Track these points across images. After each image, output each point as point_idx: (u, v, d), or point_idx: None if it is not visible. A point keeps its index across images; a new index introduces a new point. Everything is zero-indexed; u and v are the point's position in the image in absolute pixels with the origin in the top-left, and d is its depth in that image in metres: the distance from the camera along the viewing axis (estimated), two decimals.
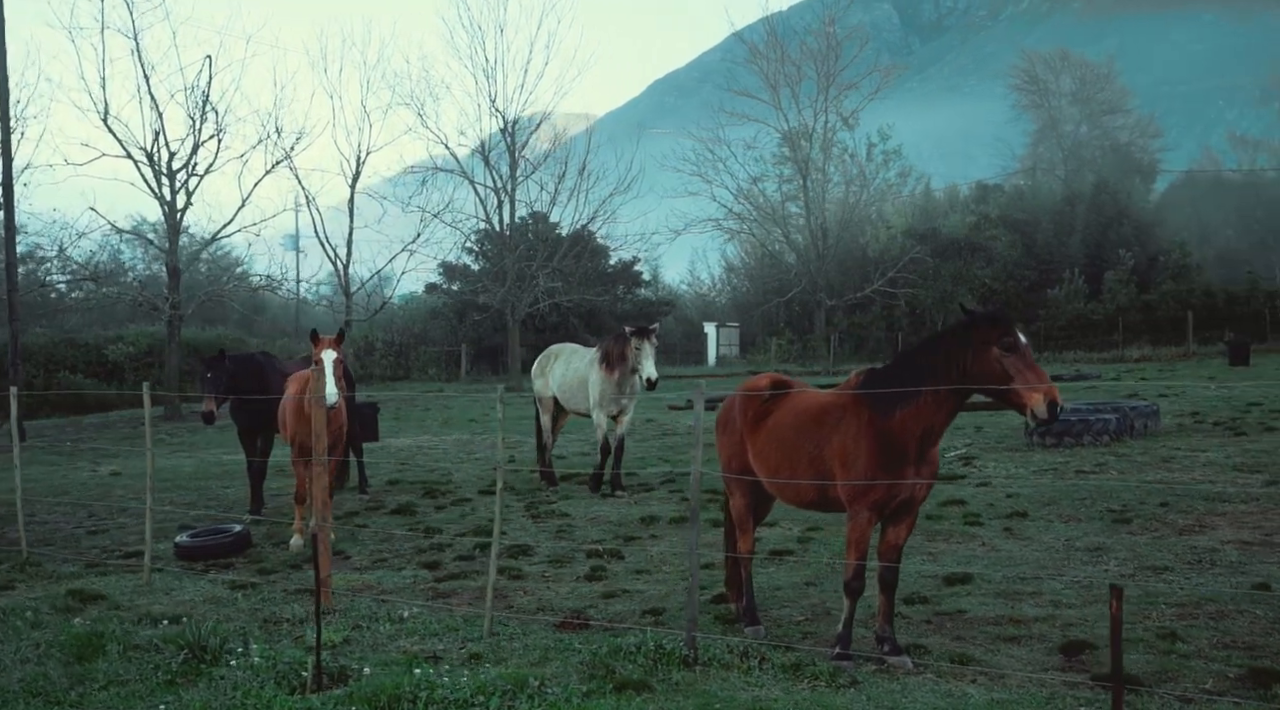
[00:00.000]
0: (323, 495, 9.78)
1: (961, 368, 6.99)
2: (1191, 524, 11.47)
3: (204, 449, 23.82)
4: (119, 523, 14.91)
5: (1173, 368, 34.01)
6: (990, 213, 51.35)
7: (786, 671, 7.35)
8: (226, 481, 18.62)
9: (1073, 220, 51.99)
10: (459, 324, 48.86)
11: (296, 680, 7.57)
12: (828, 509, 8.12)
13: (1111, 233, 51.09)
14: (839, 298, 50.17)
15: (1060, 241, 51.35)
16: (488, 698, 6.90)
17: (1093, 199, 52.46)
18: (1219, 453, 16.04)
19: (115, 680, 7.75)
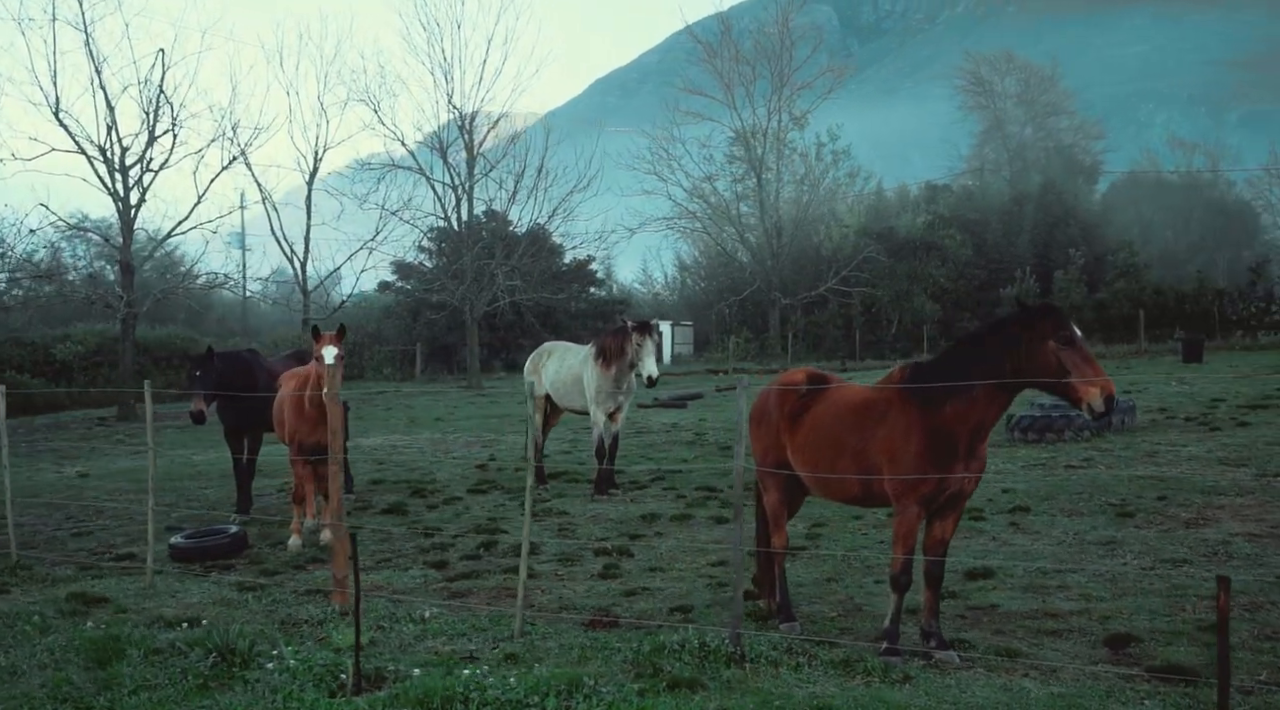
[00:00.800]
0: (338, 494, 9.58)
1: (1016, 362, 6.98)
2: (1194, 517, 11.59)
3: (169, 449, 23.36)
4: (100, 524, 14.55)
5: (1128, 365, 34.50)
6: (943, 212, 51.81)
7: (836, 668, 7.30)
8: (202, 482, 18.29)
9: (1021, 220, 52.66)
10: (413, 323, 48.39)
11: (334, 683, 7.41)
12: (870, 504, 8.09)
13: (1059, 232, 51.81)
14: (793, 296, 50.34)
15: (1009, 241, 51.97)
16: (543, 697, 6.78)
17: (1040, 199, 53.18)
18: (1199, 447, 16.27)
19: (144, 685, 7.53)
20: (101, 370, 37.58)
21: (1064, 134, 74.25)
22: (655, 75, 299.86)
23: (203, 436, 26.42)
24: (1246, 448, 15.90)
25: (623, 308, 53.13)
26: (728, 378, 38.81)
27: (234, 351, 15.12)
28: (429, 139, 42.16)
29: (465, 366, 43.07)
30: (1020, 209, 53.35)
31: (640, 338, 14.27)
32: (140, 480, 18.55)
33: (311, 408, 11.89)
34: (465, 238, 40.92)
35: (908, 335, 45.96)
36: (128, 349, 31.65)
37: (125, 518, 14.88)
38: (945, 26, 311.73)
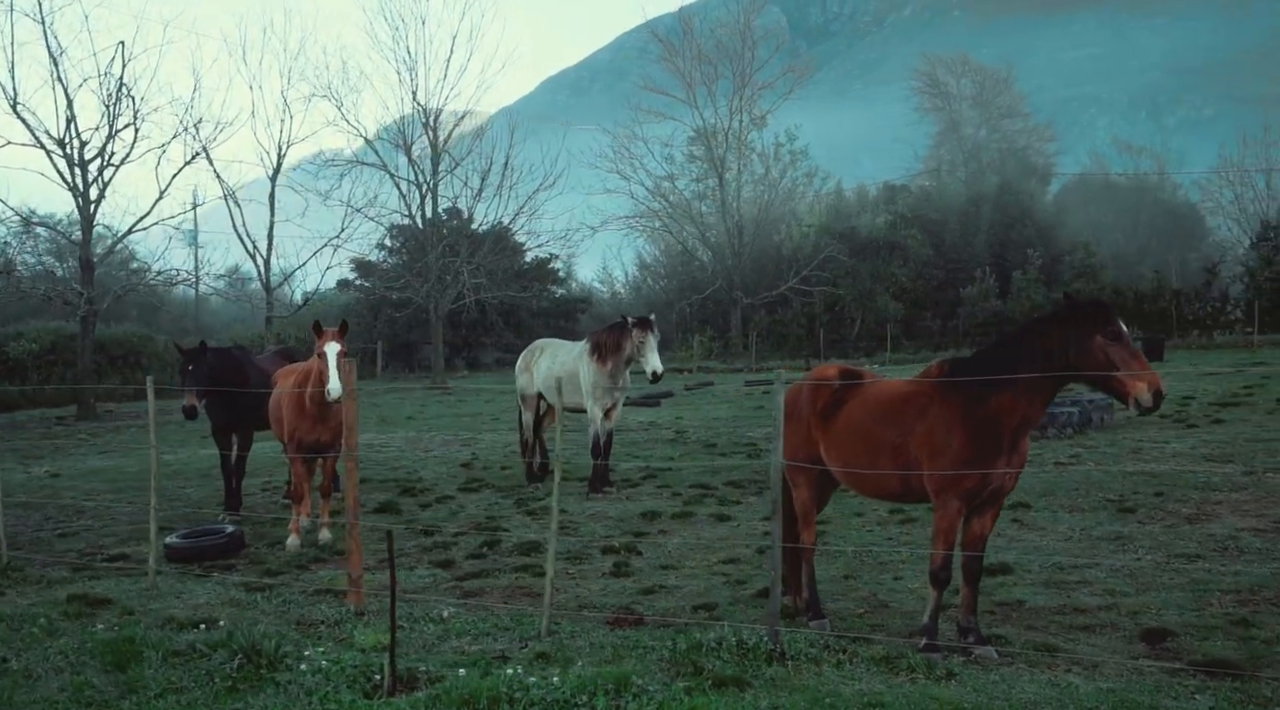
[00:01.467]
0: (355, 492, 9.42)
1: (1063, 356, 6.97)
2: (1195, 513, 11.70)
3: (139, 448, 22.95)
4: (83, 524, 14.24)
5: None
6: (905, 213, 52.14)
7: (877, 664, 7.26)
8: (180, 481, 17.97)
9: (978, 220, 53.14)
10: (373, 321, 47.96)
11: (368, 683, 7.27)
12: (908, 500, 8.07)
13: (1015, 233, 52.37)
14: (755, 295, 50.46)
15: (967, 241, 52.44)
16: (591, 696, 6.68)
17: (996, 200, 53.70)
18: (1181, 443, 16.46)
19: (170, 687, 7.35)
20: (56, 369, 36.84)
21: (1018, 136, 75.12)
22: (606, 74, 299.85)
23: (169, 435, 26.02)
24: (1228, 444, 16.11)
25: (584, 306, 53.06)
26: (694, 376, 38.84)
27: (224, 347, 14.81)
28: (393, 136, 41.78)
29: (427, 365, 42.72)
30: (977, 210, 53.84)
31: (642, 334, 14.19)
32: (114, 480, 18.32)
33: (312, 405, 11.69)
34: (430, 235, 40.59)
35: (871, 334, 46.22)
36: (87, 347, 31.07)
37: (107, 518, 14.59)
38: (892, 29, 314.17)
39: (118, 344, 39.72)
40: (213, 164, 34.51)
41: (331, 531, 12.37)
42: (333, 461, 12.46)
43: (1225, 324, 42.03)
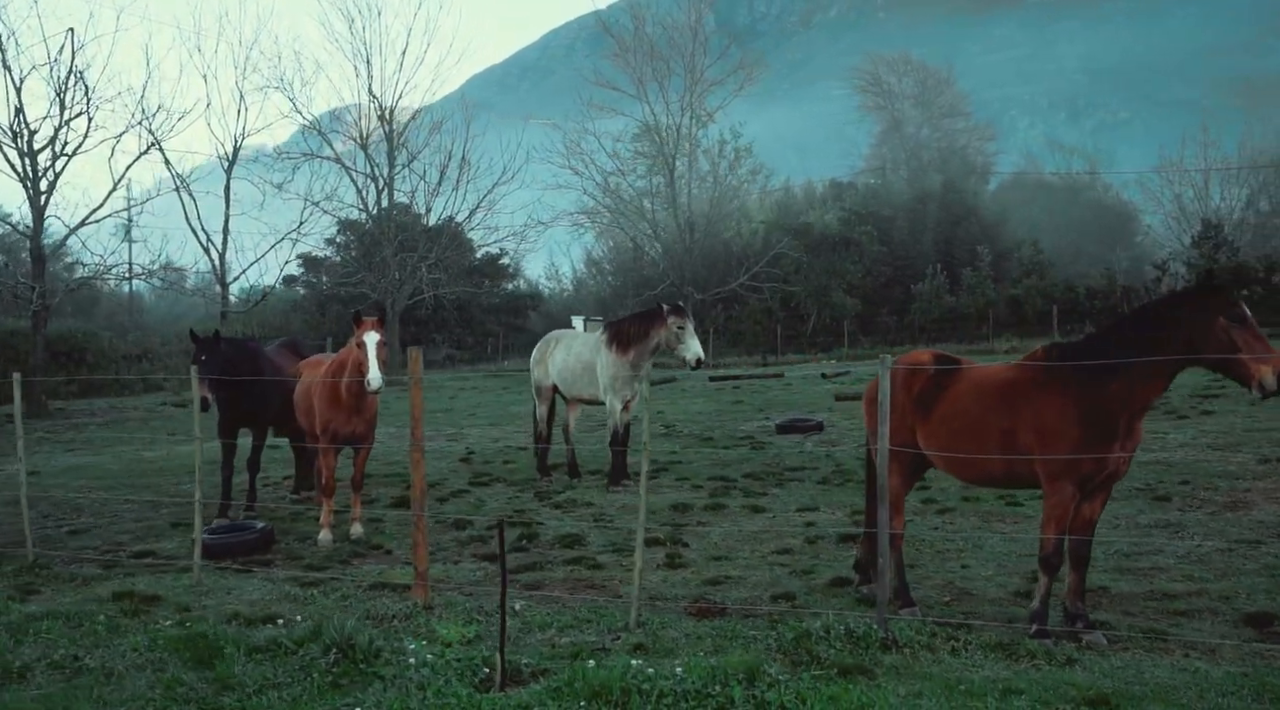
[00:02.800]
0: (422, 481, 9.20)
1: (1185, 339, 6.95)
2: (1230, 501, 11.84)
3: (110, 446, 22.34)
4: (87, 522, 13.83)
5: None
6: (858, 210, 52.50)
7: (993, 651, 7.21)
8: (170, 477, 17.50)
9: (925, 218, 53.74)
10: (321, 317, 47.20)
11: (475, 677, 7.08)
12: (1012, 485, 8.05)
13: (960, 231, 53.03)
14: (706, 292, 50.50)
15: (915, 238, 53.00)
16: (724, 686, 6.56)
17: (942, 198, 54.35)
18: (1183, 434, 16.67)
19: (268, 683, 7.12)
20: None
21: (959, 135, 76.08)
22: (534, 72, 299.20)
23: (136, 433, 25.39)
24: (1228, 434, 16.36)
25: (535, 302, 52.77)
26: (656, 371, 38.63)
27: (239, 338, 14.35)
28: (347, 128, 41.16)
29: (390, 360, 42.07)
30: (924, 207, 54.44)
31: (680, 320, 13.92)
32: (100, 478, 17.82)
33: (348, 396, 11.41)
34: (386, 230, 40.02)
35: (828, 330, 46.48)
36: (39, 344, 30.17)
37: (108, 515, 14.18)
38: (819, 30, 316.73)
39: (61, 340, 38.62)
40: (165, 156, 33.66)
41: (361, 526, 12.09)
42: (365, 454, 12.16)
43: None
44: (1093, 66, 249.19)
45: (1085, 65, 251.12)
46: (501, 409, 27.27)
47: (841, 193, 55.88)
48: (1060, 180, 75.85)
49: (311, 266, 48.98)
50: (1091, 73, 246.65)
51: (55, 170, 30.35)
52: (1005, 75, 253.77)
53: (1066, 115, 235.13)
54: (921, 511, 12.27)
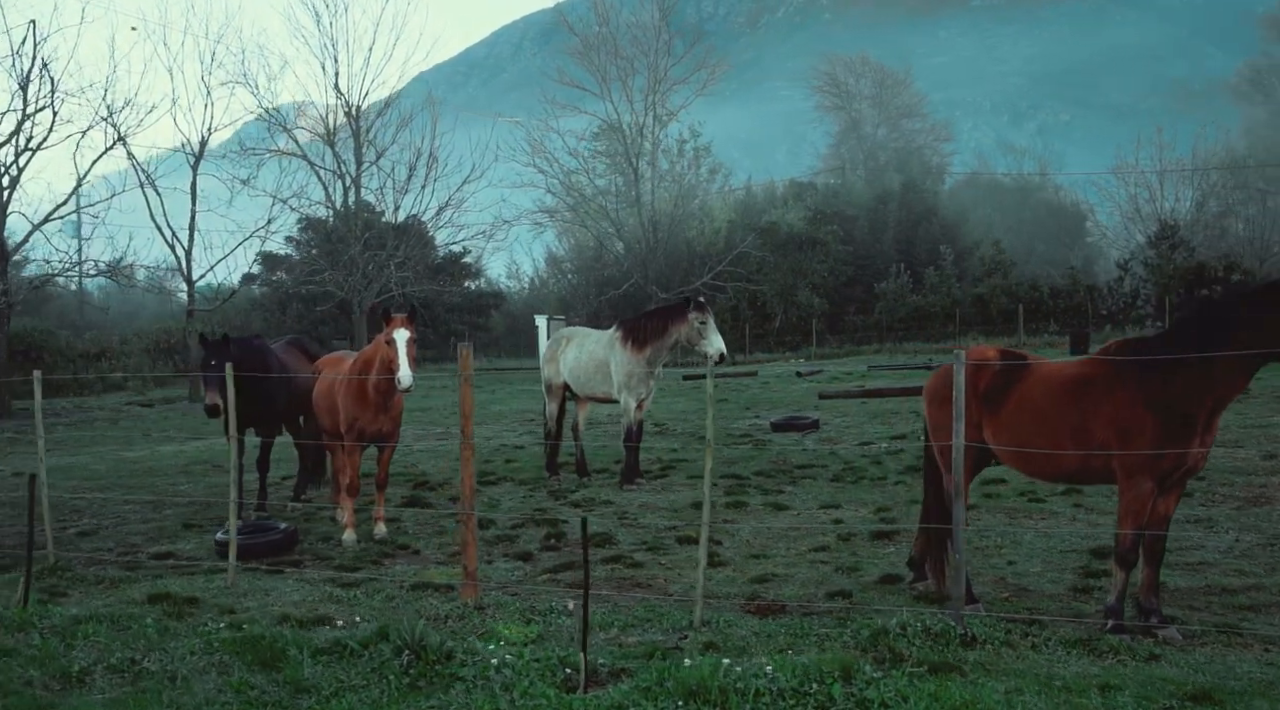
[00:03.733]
0: (471, 481, 9.08)
1: (1266, 332, 6.95)
2: (1251, 496, 12.00)
3: (84, 446, 21.90)
4: (91, 523, 13.51)
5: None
6: (825, 209, 52.72)
7: (1074, 647, 7.22)
8: (167, 478, 17.18)
9: (886, 217, 54.12)
10: (281, 316, 46.61)
11: (556, 678, 6.98)
12: (1086, 481, 8.07)
13: (921, 230, 53.46)
14: (670, 290, 50.45)
15: (875, 238, 53.35)
16: (822, 685, 6.50)
17: (902, 198, 54.76)
18: None
19: (344, 686, 6.98)
20: None
21: (916, 136, 76.71)
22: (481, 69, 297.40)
23: (108, 433, 24.94)
24: (1225, 430, 16.53)
25: (497, 301, 52.44)
26: None
27: (247, 338, 14.05)
28: (313, 124, 40.64)
29: None
30: (884, 207, 54.81)
31: (702, 315, 13.83)
32: (91, 478, 17.44)
33: (376, 394, 11.23)
34: (353, 227, 39.55)
35: (795, 329, 46.61)
36: (2, 343, 29.48)
37: (112, 516, 13.90)
38: (766, 30, 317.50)
39: (19, 339, 37.78)
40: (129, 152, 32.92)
41: (385, 526, 11.93)
42: (390, 453, 11.98)
43: (1136, 319, 43.67)
44: (1034, 70, 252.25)
45: (1026, 69, 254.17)
46: (479, 408, 27.01)
47: (802, 192, 56.08)
48: (1013, 181, 76.80)
49: (271, 264, 48.34)
50: (1032, 76, 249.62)
51: (19, 165, 29.70)
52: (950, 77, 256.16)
53: (1009, 118, 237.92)
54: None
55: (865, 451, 16.67)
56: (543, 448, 17.42)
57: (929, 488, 8.90)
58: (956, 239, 53.27)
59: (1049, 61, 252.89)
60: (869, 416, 20.90)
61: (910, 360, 35.17)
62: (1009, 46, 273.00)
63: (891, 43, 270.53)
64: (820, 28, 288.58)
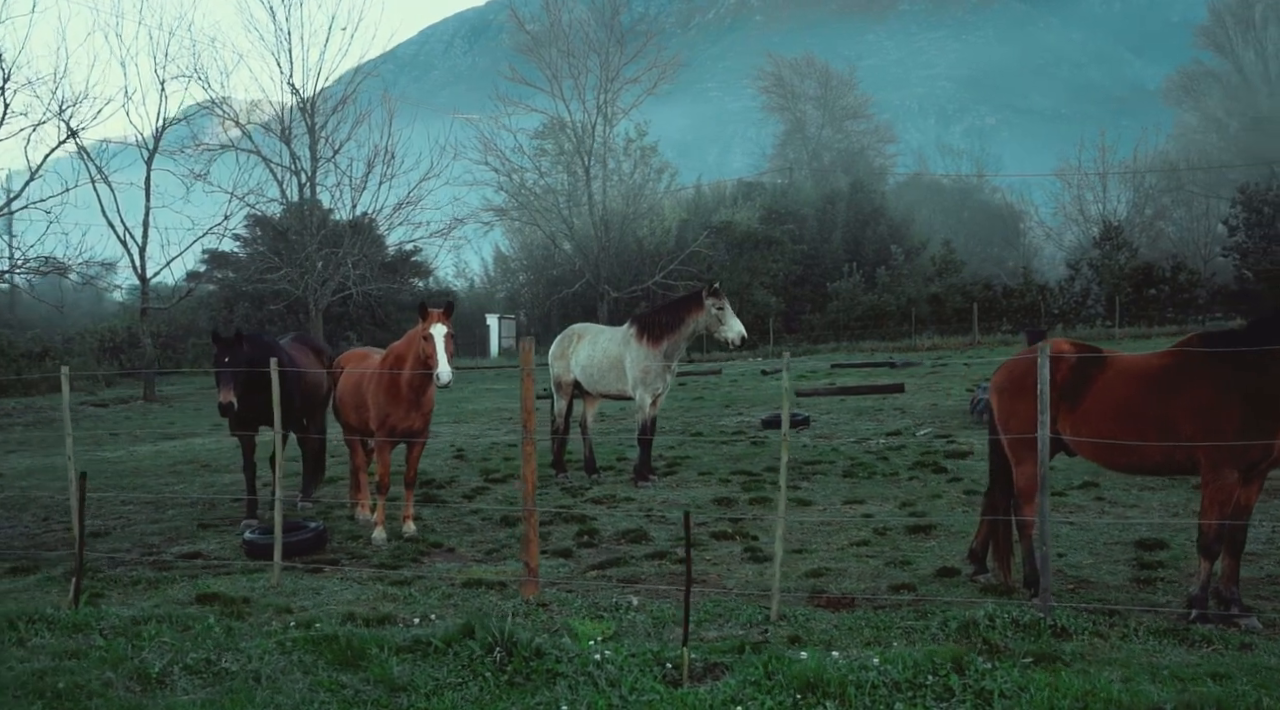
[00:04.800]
0: (532, 478, 8.97)
1: None
2: (1269, 487, 12.19)
3: (52, 447, 21.32)
4: (97, 523, 13.11)
5: (982, 354, 36.11)
6: (779, 209, 52.92)
7: (1164, 637, 7.29)
8: (156, 477, 16.83)
9: (834, 217, 54.53)
10: (228, 314, 45.79)
11: (657, 673, 6.92)
12: (1169, 472, 8.16)
13: (869, 230, 53.96)
14: (622, 290, 50.40)
15: (825, 237, 53.73)
16: (937, 676, 6.50)
17: (850, 198, 55.23)
18: None
19: (442, 684, 6.87)
20: None
21: (860, 137, 77.41)
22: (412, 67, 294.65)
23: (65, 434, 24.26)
24: None
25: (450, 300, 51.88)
26: None
27: (257, 335, 13.68)
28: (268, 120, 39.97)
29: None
30: (833, 207, 55.22)
31: (718, 301, 13.83)
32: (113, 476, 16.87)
33: (409, 390, 11.05)
34: (309, 224, 38.94)
35: (751, 328, 46.44)
36: None
37: (114, 517, 13.60)
38: (698, 32, 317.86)
39: None
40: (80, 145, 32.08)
41: (414, 523, 11.75)
42: (419, 450, 11.80)
43: (1086, 318, 44.48)
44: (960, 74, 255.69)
45: (953, 73, 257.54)
46: (455, 406, 26.78)
47: (752, 192, 56.34)
48: (952, 182, 77.84)
49: (218, 262, 47.49)
50: (959, 80, 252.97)
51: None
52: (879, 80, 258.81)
53: (936, 120, 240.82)
54: (966, 502, 12.37)
55: (866, 448, 16.76)
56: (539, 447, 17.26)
57: (994, 480, 8.94)
58: (903, 239, 53.87)
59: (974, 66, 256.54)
60: (853, 414, 21.03)
61: (869, 358, 35.42)
62: (935, 50, 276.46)
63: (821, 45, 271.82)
64: (751, 29, 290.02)
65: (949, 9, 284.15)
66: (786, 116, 78.61)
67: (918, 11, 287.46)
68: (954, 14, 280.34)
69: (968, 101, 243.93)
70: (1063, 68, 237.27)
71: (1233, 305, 43.33)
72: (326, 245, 38.46)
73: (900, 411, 20.97)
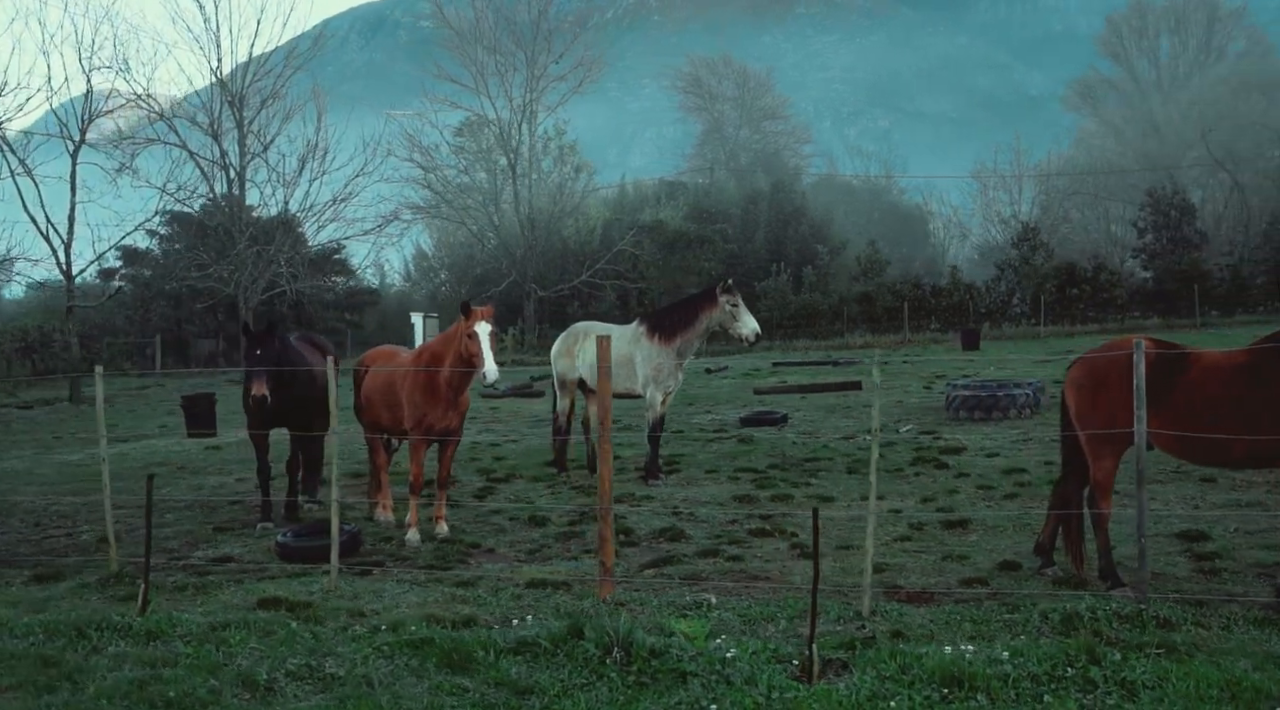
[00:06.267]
0: (609, 477, 8.86)
1: None
2: (1273, 480, 12.56)
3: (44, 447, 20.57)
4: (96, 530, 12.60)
5: (925, 352, 36.69)
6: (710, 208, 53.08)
7: (1264, 626, 7.42)
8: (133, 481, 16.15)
9: (757, 217, 54.96)
10: (144, 313, 44.48)
11: (786, 670, 6.90)
12: (1252, 465, 8.34)
13: (790, 230, 54.48)
14: (548, 289, 50.16)
15: (748, 237, 54.13)
16: (1073, 667, 6.58)
17: (772, 198, 55.72)
18: None
19: (570, 685, 6.79)
20: None
21: (777, 138, 78.08)
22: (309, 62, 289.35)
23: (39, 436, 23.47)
24: None
25: (373, 298, 51.23)
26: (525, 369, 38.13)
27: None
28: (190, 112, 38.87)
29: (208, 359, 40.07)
30: (755, 207, 55.65)
31: (733, 298, 13.78)
32: (48, 483, 16.34)
33: (448, 388, 10.84)
34: (239, 221, 37.98)
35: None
36: None
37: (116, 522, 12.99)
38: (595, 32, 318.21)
39: None
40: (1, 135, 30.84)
41: (448, 523, 11.55)
42: (453, 449, 11.58)
43: (1011, 316, 45.53)
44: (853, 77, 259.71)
45: (847, 76, 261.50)
46: None
47: (675, 191, 56.51)
48: (861, 183, 79.03)
49: (133, 260, 46.09)
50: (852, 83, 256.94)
51: None
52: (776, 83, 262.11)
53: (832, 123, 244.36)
54: (986, 497, 12.54)
55: (856, 444, 16.90)
56: (523, 446, 17.16)
57: (1066, 475, 9.07)
58: (825, 239, 54.52)
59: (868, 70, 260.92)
60: (824, 411, 21.19)
61: (805, 357, 35.76)
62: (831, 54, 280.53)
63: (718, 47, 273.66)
64: (649, 29, 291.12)
65: (843, 14, 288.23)
66: (704, 117, 79.05)
67: (813, 15, 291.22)
68: (848, 19, 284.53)
69: (862, 104, 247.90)
70: (950, 74, 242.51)
71: (1150, 305, 44.77)
72: (257, 242, 37.55)
73: (870, 408, 21.12)
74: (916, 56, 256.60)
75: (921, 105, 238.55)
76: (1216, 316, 42.89)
